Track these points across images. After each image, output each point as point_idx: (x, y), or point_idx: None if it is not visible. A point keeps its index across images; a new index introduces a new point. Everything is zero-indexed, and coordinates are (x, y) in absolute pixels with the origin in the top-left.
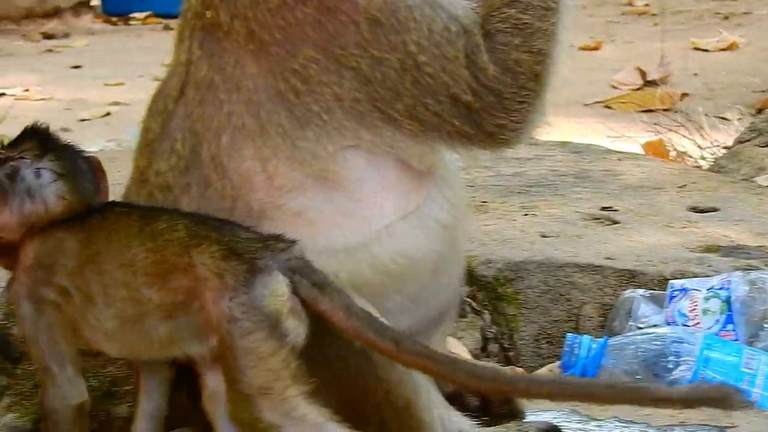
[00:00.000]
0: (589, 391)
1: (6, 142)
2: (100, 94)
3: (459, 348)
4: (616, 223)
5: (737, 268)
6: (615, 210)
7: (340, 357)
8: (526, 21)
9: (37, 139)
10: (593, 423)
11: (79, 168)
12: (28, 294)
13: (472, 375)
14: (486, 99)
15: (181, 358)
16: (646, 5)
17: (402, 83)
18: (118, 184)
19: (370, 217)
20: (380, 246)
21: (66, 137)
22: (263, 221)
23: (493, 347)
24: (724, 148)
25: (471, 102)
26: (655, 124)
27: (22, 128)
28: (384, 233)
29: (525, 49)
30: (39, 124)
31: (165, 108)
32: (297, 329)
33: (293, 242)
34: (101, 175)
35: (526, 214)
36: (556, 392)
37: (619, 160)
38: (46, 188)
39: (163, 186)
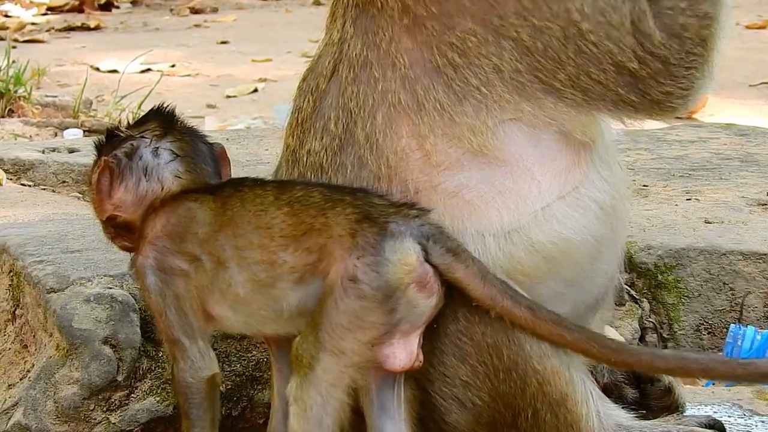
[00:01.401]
0: (707, 366)
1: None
2: (247, 70)
3: (615, 337)
4: None
5: None
6: None
7: (494, 346)
8: None
9: (161, 120)
10: (756, 418)
11: (199, 150)
12: (155, 265)
13: (604, 346)
14: (652, 66)
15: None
16: None
17: (564, 52)
18: (266, 163)
19: (528, 196)
20: (537, 228)
21: (212, 114)
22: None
23: (652, 337)
24: None
25: (636, 69)
26: None
27: (150, 108)
28: (541, 214)
29: (691, 12)
30: (164, 105)
31: (317, 87)
32: (422, 302)
33: (427, 210)
34: (224, 162)
35: (688, 199)
36: (676, 366)
37: None
38: (163, 168)
39: (316, 166)
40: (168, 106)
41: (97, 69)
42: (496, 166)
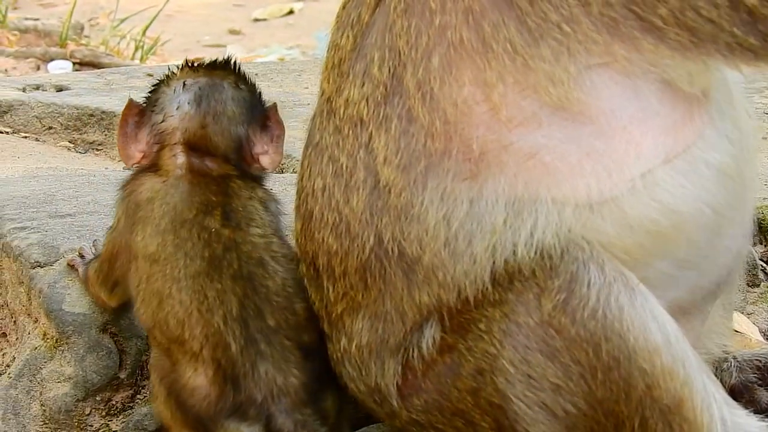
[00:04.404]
0: None
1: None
2: None
3: (748, 327)
4: None
5: None
6: None
7: (589, 340)
8: None
9: (210, 69)
10: None
11: (219, 90)
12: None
13: None
14: None
15: None
16: None
17: None
18: (305, 105)
19: (624, 160)
20: (636, 199)
21: (235, 42)
22: (484, 167)
23: None
24: None
25: (756, 6)
26: None
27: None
28: (640, 183)
29: None
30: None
31: (358, 18)
32: None
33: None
34: (276, 125)
35: None
36: None
37: None
38: (169, 97)
39: (354, 119)
40: (231, 57)
41: None
42: (581, 124)
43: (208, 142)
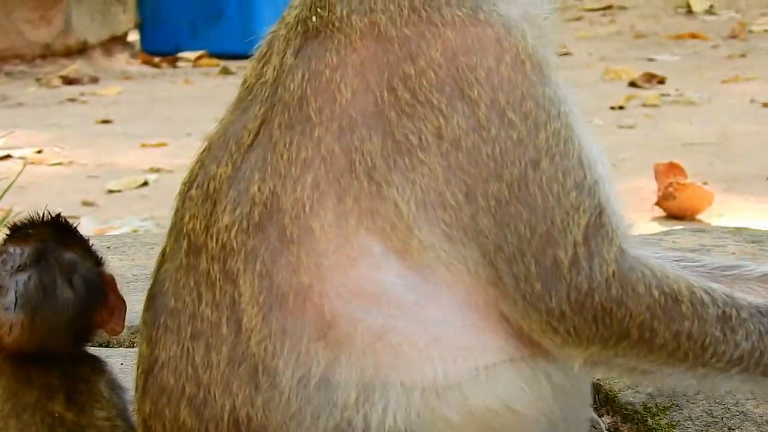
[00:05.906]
0: None
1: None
2: (135, 157)
3: None
4: None
5: None
6: None
7: None
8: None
9: (51, 230)
10: None
11: (53, 289)
12: None
13: None
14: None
15: None
16: None
17: (503, 170)
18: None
19: (470, 349)
20: (478, 389)
21: (89, 214)
22: (334, 341)
23: None
24: None
25: (562, 262)
26: None
27: (30, 215)
28: (484, 374)
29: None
30: (52, 213)
31: (239, 144)
32: None
33: None
34: (116, 300)
35: None
36: None
37: None
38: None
39: (225, 252)
40: (53, 214)
41: None
42: (428, 308)
43: (42, 337)
